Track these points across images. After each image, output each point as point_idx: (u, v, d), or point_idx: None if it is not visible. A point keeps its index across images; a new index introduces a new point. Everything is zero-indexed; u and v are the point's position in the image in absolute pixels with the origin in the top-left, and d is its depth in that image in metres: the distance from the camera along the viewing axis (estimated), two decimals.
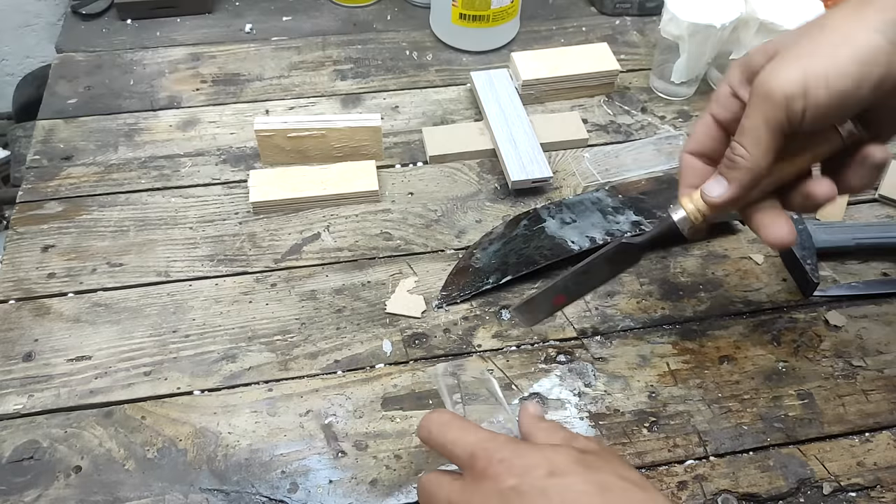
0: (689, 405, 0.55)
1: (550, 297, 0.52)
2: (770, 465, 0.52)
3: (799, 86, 0.38)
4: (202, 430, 0.53)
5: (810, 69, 0.38)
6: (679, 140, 0.73)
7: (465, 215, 0.67)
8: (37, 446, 0.52)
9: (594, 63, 0.77)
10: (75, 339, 0.58)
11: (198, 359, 0.57)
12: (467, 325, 0.59)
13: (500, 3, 0.78)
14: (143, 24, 0.85)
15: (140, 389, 0.55)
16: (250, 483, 0.51)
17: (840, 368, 0.58)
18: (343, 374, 0.56)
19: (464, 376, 0.50)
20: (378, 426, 0.54)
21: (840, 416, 0.55)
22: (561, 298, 0.53)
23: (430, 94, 0.78)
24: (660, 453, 0.53)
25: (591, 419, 0.54)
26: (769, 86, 0.39)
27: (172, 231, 0.65)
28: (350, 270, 0.63)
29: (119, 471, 0.51)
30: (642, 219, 0.64)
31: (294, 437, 0.53)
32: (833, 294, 0.62)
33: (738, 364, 0.58)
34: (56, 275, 0.62)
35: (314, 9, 0.88)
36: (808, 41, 0.39)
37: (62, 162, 0.70)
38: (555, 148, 0.72)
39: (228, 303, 0.60)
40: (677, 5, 0.70)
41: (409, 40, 0.84)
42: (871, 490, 0.51)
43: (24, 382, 0.55)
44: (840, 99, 0.38)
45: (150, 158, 0.71)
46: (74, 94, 0.77)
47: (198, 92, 0.77)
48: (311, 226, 0.66)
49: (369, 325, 0.59)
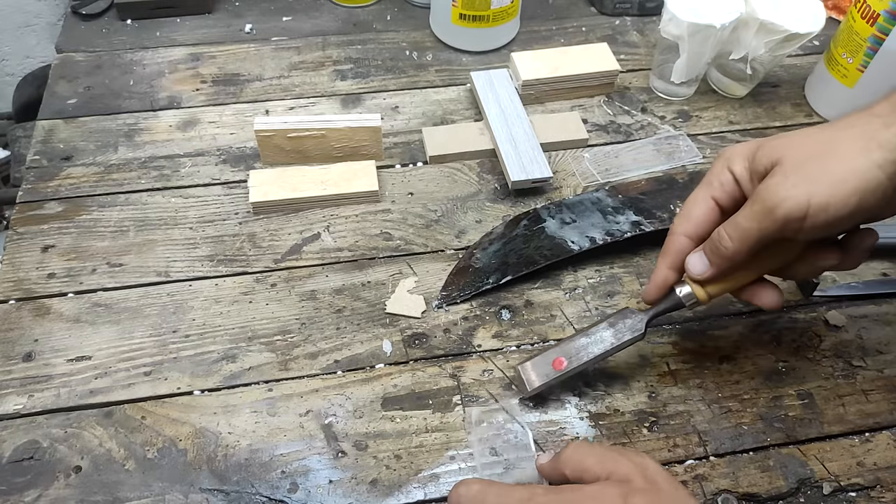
0: (689, 405, 0.55)
1: (550, 359, 0.52)
2: (770, 465, 0.52)
3: (801, 211, 0.41)
4: (202, 430, 0.53)
5: (815, 198, 0.40)
6: (679, 140, 0.73)
7: (464, 215, 0.67)
8: (37, 446, 0.52)
9: (594, 63, 0.77)
10: (75, 339, 0.58)
11: (198, 359, 0.57)
12: (467, 325, 0.59)
13: (500, 3, 0.78)
14: (142, 24, 0.85)
15: (140, 389, 0.55)
16: (250, 483, 0.51)
17: (840, 368, 0.58)
18: (343, 374, 0.56)
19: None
20: (378, 426, 0.54)
21: (840, 416, 0.55)
22: (561, 361, 0.51)
23: (429, 95, 0.78)
24: (660, 453, 0.53)
25: (591, 419, 0.54)
26: (773, 202, 0.41)
27: (172, 231, 0.65)
28: (350, 270, 0.63)
29: (119, 471, 0.51)
30: (642, 219, 0.64)
31: (294, 438, 0.53)
32: (833, 294, 0.62)
33: (738, 364, 0.58)
34: (56, 275, 0.62)
35: (314, 9, 0.88)
36: (815, 165, 0.41)
37: (62, 162, 0.70)
38: (555, 148, 0.72)
39: (228, 303, 0.60)
40: (677, 5, 0.70)
41: (409, 40, 0.84)
42: (871, 490, 0.51)
43: (24, 382, 0.55)
44: (836, 224, 0.41)
45: (150, 158, 0.71)
46: (74, 94, 0.77)
47: (198, 92, 0.77)
48: (311, 226, 0.66)
49: (369, 326, 0.59)
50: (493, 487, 0.41)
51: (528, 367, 0.52)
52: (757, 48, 0.70)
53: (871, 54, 0.69)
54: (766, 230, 0.42)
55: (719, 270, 0.47)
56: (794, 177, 0.41)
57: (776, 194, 0.41)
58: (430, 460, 0.52)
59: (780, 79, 0.81)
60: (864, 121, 0.42)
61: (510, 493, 0.40)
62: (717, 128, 0.76)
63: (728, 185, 0.46)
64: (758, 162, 0.44)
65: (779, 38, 0.69)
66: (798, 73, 0.82)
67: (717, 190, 0.47)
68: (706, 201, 0.47)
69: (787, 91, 0.80)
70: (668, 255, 0.49)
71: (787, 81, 0.81)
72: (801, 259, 0.47)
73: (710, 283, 0.48)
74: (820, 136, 0.43)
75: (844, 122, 0.43)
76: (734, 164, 0.46)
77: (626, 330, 0.51)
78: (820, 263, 0.47)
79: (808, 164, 0.41)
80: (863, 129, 0.41)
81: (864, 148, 0.40)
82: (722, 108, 0.78)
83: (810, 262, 0.47)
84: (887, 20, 0.67)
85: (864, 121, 0.42)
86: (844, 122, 0.43)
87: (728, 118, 0.77)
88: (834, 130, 0.42)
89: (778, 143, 0.44)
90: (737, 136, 0.75)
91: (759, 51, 0.70)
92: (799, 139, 0.43)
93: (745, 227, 0.43)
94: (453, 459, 0.52)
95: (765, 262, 0.48)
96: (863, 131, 0.41)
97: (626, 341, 0.51)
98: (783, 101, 0.79)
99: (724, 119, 0.77)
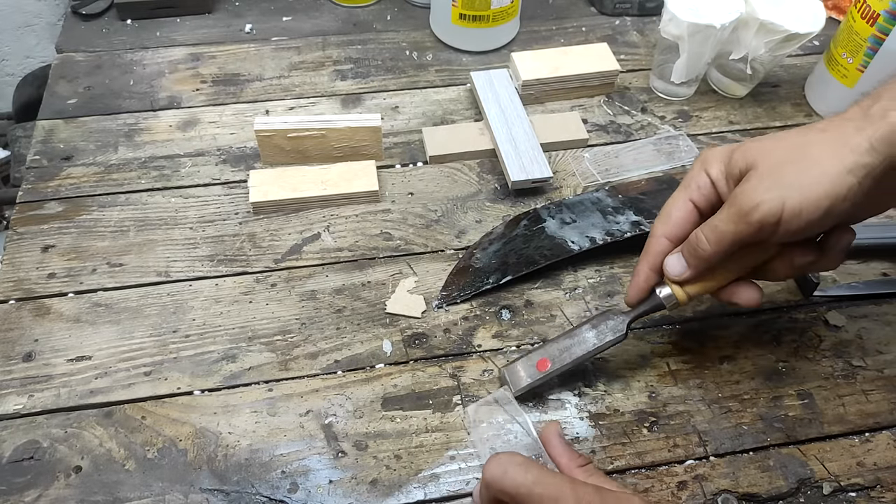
0: (689, 405, 0.55)
1: (534, 360, 0.53)
2: (770, 464, 0.52)
3: (775, 215, 0.42)
4: (202, 430, 0.53)
5: (788, 202, 0.41)
6: (679, 140, 0.73)
7: (465, 215, 0.67)
8: (37, 446, 0.52)
9: (594, 63, 0.77)
10: (75, 339, 0.58)
11: (198, 359, 0.57)
12: (467, 325, 0.59)
13: (500, 3, 0.78)
14: (143, 24, 0.85)
15: (140, 389, 0.55)
16: (250, 483, 0.51)
17: (840, 368, 0.58)
18: (343, 374, 0.56)
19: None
20: (378, 426, 0.54)
21: (840, 416, 0.55)
22: (545, 362, 0.53)
23: (430, 95, 0.78)
24: (660, 453, 0.53)
25: (591, 419, 0.54)
26: (748, 206, 0.43)
27: (172, 231, 0.65)
28: (350, 270, 0.63)
29: (119, 471, 0.51)
30: (642, 219, 0.64)
31: (294, 438, 0.53)
32: (833, 294, 0.62)
33: (738, 364, 0.58)
34: (56, 275, 0.62)
35: (314, 9, 0.88)
36: (789, 169, 0.42)
37: (62, 162, 0.70)
38: (555, 148, 0.72)
39: (228, 303, 0.60)
40: (677, 5, 0.70)
41: (409, 40, 0.84)
42: (871, 490, 0.52)
43: (24, 382, 0.55)
44: (809, 227, 0.42)
45: (150, 158, 0.71)
46: (74, 94, 0.77)
47: (198, 92, 0.77)
48: (311, 226, 0.66)
49: (369, 326, 0.59)
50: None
51: (512, 369, 0.53)
52: (757, 48, 0.70)
53: (871, 54, 0.69)
54: (742, 233, 0.44)
55: (697, 271, 0.48)
56: (768, 181, 0.42)
57: (751, 199, 0.42)
58: (431, 460, 0.52)
59: (780, 79, 0.81)
60: (837, 125, 0.43)
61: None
62: (717, 128, 0.76)
63: (705, 188, 0.47)
64: (733, 165, 0.45)
65: (779, 38, 0.69)
66: (798, 73, 0.82)
67: (694, 192, 0.48)
68: (685, 203, 0.48)
69: (787, 91, 0.80)
70: (648, 256, 0.50)
71: (787, 81, 0.81)
72: (779, 258, 0.48)
73: (689, 284, 0.49)
74: (794, 141, 0.44)
75: (819, 127, 0.44)
76: (711, 168, 0.47)
77: (608, 331, 0.52)
78: (797, 262, 0.48)
79: (782, 168, 0.42)
80: (835, 134, 0.42)
81: (836, 153, 0.41)
82: (722, 109, 0.78)
83: (787, 262, 0.48)
84: (887, 20, 0.67)
85: (836, 125, 0.43)
86: (819, 127, 0.44)
87: (728, 118, 0.77)
88: (808, 135, 0.43)
89: (753, 147, 0.45)
90: (737, 136, 0.75)
91: (759, 51, 0.70)
92: (773, 143, 0.44)
93: (721, 230, 0.44)
94: (453, 459, 0.52)
95: (742, 262, 0.48)
96: (835, 136, 0.42)
97: (608, 342, 0.52)
98: (783, 101, 0.79)
99: (724, 119, 0.77)
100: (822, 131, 0.43)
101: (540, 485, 0.42)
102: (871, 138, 0.41)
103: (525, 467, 0.43)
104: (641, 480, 0.51)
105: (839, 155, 0.41)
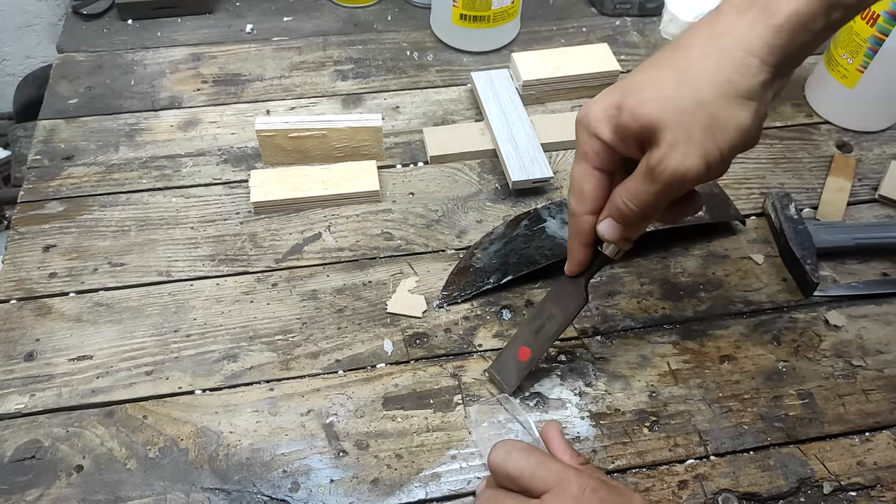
0: (689, 405, 0.55)
1: (515, 352, 0.54)
2: (770, 464, 0.52)
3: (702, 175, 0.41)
4: (203, 429, 0.53)
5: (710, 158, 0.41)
6: None
7: (465, 215, 0.67)
8: (38, 446, 0.52)
9: (594, 63, 0.77)
10: (77, 338, 0.58)
11: (199, 358, 0.57)
12: (468, 324, 0.60)
13: (500, 3, 0.78)
14: (143, 24, 0.85)
15: (141, 389, 0.55)
16: (252, 482, 0.51)
17: (840, 368, 0.58)
18: (344, 373, 0.57)
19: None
20: (379, 426, 0.54)
21: (840, 415, 0.55)
22: (525, 351, 0.53)
23: (430, 95, 0.78)
24: (660, 453, 0.53)
25: (592, 419, 0.54)
26: (674, 176, 0.41)
27: (173, 231, 0.65)
28: (351, 270, 0.63)
29: (121, 470, 0.51)
30: None
31: (295, 437, 0.53)
32: (833, 294, 0.62)
33: (738, 364, 0.58)
34: (57, 274, 0.62)
35: (315, 9, 0.88)
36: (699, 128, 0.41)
37: (63, 162, 0.70)
38: (555, 148, 0.73)
39: (230, 302, 0.60)
40: (677, 6, 0.70)
41: (410, 41, 0.84)
42: (871, 489, 0.52)
43: (25, 382, 0.55)
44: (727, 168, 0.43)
45: (151, 158, 0.71)
46: (75, 94, 0.77)
47: (199, 92, 0.77)
48: (312, 226, 0.66)
49: (370, 325, 0.59)
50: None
51: (499, 368, 0.55)
52: None
53: (871, 55, 0.70)
54: (668, 197, 0.43)
55: (632, 230, 0.47)
56: (683, 146, 0.41)
57: (675, 169, 0.41)
58: (432, 459, 0.52)
59: None
60: (715, 52, 0.41)
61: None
62: None
63: (602, 152, 0.45)
64: (626, 126, 0.43)
65: None
66: (798, 74, 0.81)
67: (594, 160, 0.46)
68: (591, 174, 0.47)
69: (787, 91, 0.80)
70: (577, 236, 0.49)
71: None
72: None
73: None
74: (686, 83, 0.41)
75: (700, 53, 0.41)
76: (599, 131, 0.45)
77: (570, 301, 0.53)
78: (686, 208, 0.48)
79: (692, 129, 0.41)
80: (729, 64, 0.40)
81: (739, 92, 0.40)
82: None
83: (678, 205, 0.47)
84: (887, 21, 0.67)
85: (720, 46, 0.41)
86: (700, 53, 0.41)
87: None
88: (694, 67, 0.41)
89: (641, 101, 0.42)
90: None
91: None
92: (664, 91, 0.41)
93: (644, 199, 0.44)
94: (454, 459, 0.52)
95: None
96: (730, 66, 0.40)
97: (573, 311, 0.53)
98: (783, 101, 0.79)
99: None
100: (708, 58, 0.41)
101: (543, 468, 0.42)
102: (765, 43, 0.40)
103: (528, 451, 0.43)
104: (642, 480, 0.51)
105: (744, 95, 0.40)
